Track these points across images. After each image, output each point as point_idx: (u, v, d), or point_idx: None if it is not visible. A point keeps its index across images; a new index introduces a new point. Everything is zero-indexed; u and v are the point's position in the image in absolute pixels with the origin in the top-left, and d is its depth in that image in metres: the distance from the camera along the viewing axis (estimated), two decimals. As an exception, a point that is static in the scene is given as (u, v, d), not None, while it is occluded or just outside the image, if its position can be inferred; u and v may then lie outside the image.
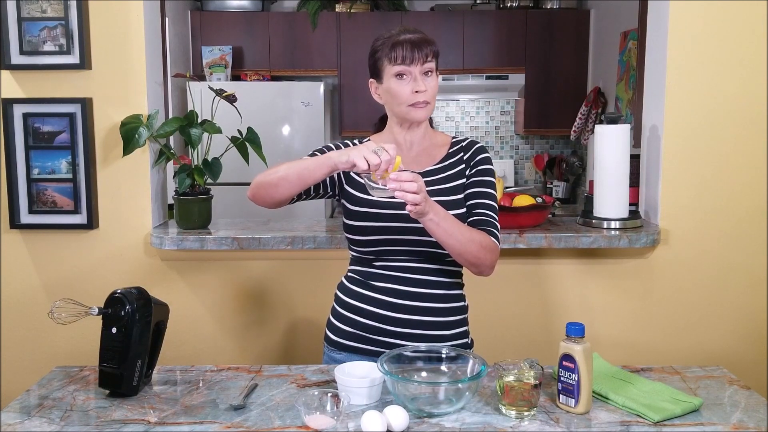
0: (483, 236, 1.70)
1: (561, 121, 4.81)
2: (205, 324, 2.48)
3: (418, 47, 1.71)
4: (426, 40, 1.74)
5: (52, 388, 1.67)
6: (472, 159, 1.82)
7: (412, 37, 1.72)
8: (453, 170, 1.81)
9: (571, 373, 1.48)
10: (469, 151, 1.83)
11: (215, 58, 4.64)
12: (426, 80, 1.73)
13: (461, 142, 1.86)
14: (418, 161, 1.82)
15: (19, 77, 2.37)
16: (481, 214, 1.77)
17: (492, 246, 1.71)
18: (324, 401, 1.49)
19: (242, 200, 4.35)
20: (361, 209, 1.78)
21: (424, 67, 1.72)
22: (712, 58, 2.35)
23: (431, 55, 1.73)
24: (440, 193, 1.76)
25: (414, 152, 1.83)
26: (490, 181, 1.81)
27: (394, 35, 1.74)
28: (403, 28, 1.77)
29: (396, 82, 1.73)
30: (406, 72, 1.72)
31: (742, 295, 2.42)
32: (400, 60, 1.71)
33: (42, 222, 2.41)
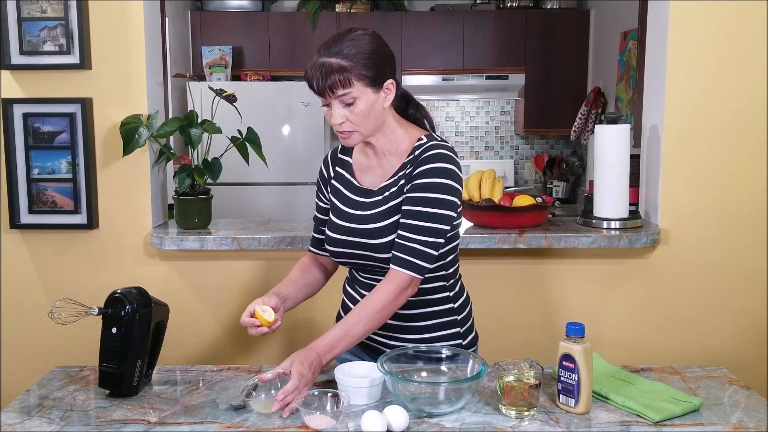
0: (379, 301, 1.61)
1: (561, 121, 4.81)
2: (205, 324, 2.48)
3: (323, 78, 1.56)
4: (335, 68, 1.55)
5: (52, 388, 1.67)
6: (412, 173, 1.65)
7: (325, 63, 1.56)
8: (393, 188, 1.69)
9: (571, 373, 1.48)
10: (415, 164, 1.66)
11: (215, 58, 4.64)
12: (344, 109, 1.60)
13: (418, 149, 1.68)
14: (374, 174, 1.75)
15: (19, 77, 2.37)
16: (400, 238, 1.63)
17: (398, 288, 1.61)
18: (324, 401, 1.49)
19: (242, 200, 4.39)
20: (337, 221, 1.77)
21: (340, 99, 1.59)
22: (712, 58, 2.35)
23: (343, 84, 1.56)
24: (377, 217, 1.68)
25: (372, 163, 1.76)
26: (427, 199, 1.62)
27: (319, 53, 1.59)
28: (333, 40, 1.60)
29: (322, 106, 1.64)
30: (324, 101, 1.62)
31: (742, 295, 2.42)
32: (315, 91, 1.60)
33: (42, 222, 2.41)
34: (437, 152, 1.66)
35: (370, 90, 1.60)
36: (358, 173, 1.79)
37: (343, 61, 1.56)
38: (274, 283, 2.46)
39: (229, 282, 2.47)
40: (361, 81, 1.58)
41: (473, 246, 2.30)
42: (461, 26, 4.78)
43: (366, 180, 1.77)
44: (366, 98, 1.60)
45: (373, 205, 1.71)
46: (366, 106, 1.60)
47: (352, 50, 1.58)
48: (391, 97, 1.66)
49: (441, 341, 1.76)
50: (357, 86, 1.58)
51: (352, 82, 1.57)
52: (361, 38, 1.61)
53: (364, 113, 1.61)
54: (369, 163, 1.77)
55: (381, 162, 1.74)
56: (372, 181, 1.76)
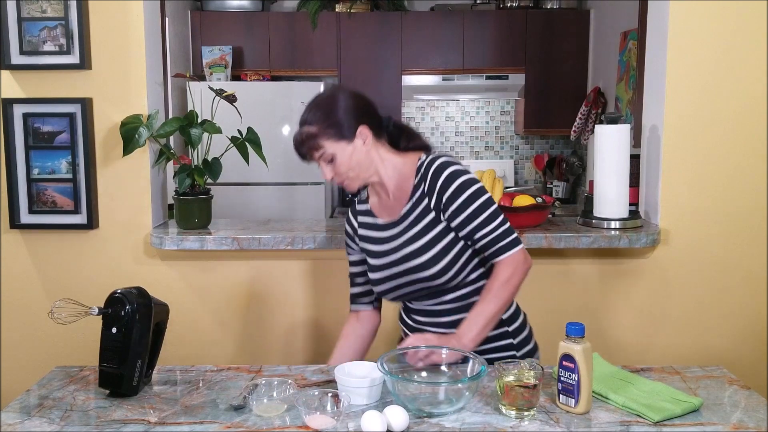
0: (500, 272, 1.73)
1: (561, 121, 4.81)
2: (205, 324, 2.48)
3: (299, 148, 1.76)
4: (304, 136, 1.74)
5: (52, 388, 1.67)
6: (433, 189, 1.77)
7: (296, 138, 1.76)
8: (418, 209, 1.80)
9: (571, 373, 1.48)
10: (427, 180, 1.78)
11: (215, 58, 4.64)
12: (328, 166, 1.76)
13: (422, 168, 1.80)
14: (396, 203, 1.85)
15: (19, 77, 2.37)
16: (482, 237, 1.74)
17: (514, 262, 1.74)
18: (324, 401, 1.49)
19: (242, 200, 4.38)
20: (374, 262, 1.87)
21: (320, 159, 1.76)
22: (712, 58, 2.35)
23: (315, 148, 1.74)
24: (411, 240, 1.79)
25: (388, 197, 1.86)
26: (466, 199, 1.74)
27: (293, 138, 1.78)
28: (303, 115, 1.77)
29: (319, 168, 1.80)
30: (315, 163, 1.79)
31: (742, 295, 2.42)
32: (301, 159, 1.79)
33: (42, 222, 2.41)
34: (441, 162, 1.79)
35: (344, 143, 1.74)
36: (379, 213, 1.89)
37: (309, 128, 1.74)
38: (274, 283, 2.47)
39: (229, 282, 2.47)
40: (330, 139, 1.73)
41: (473, 246, 2.30)
42: (461, 26, 4.78)
43: (385, 214, 1.87)
44: (342, 151, 1.74)
45: (402, 232, 1.81)
46: (345, 157, 1.75)
47: (314, 116, 1.75)
48: (369, 142, 1.77)
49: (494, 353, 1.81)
50: (328, 144, 1.73)
51: (321, 144, 1.73)
52: (324, 101, 1.78)
53: (346, 164, 1.75)
54: (386, 202, 1.87)
55: (392, 193, 1.85)
56: (392, 212, 1.85)
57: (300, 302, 2.48)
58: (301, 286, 2.47)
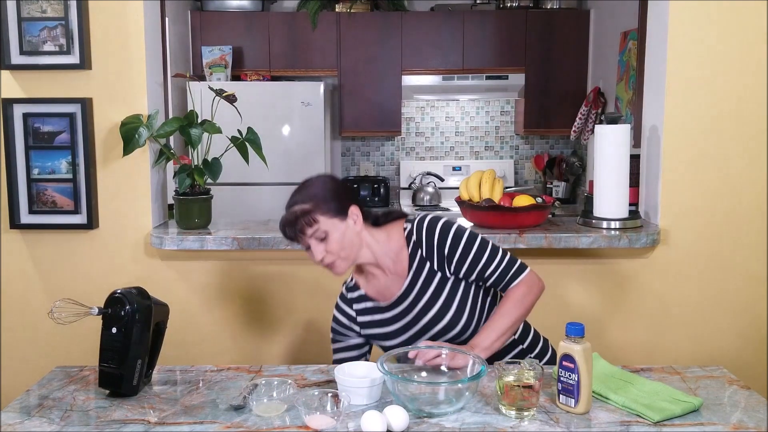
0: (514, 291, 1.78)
1: (561, 121, 4.81)
2: (205, 324, 2.48)
3: (291, 226, 1.73)
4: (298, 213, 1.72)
5: (52, 388, 1.67)
6: (432, 249, 1.80)
7: (287, 217, 1.74)
8: (422, 275, 1.81)
9: (571, 373, 1.48)
10: (423, 244, 1.81)
11: (215, 58, 4.64)
12: (320, 245, 1.73)
13: (412, 234, 1.82)
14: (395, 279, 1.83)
15: (19, 77, 2.37)
16: (491, 275, 1.79)
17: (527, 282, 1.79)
18: (324, 401, 1.49)
19: (242, 200, 4.38)
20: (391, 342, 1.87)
21: (313, 238, 1.73)
22: (712, 58, 2.35)
23: (309, 223, 1.71)
24: (426, 309, 1.80)
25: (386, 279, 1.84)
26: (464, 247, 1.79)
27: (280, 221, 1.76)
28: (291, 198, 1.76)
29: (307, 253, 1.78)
30: (303, 245, 1.76)
31: (742, 295, 2.42)
32: (290, 241, 1.77)
33: (42, 222, 2.41)
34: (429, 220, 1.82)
35: (337, 220, 1.74)
36: (377, 296, 1.87)
37: (302, 205, 1.73)
38: (274, 283, 2.47)
39: (229, 282, 2.47)
40: (325, 215, 1.72)
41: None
42: (461, 26, 4.78)
43: (387, 293, 1.85)
44: (336, 228, 1.73)
45: (413, 303, 1.82)
46: (338, 235, 1.73)
47: (307, 194, 1.75)
48: (360, 222, 1.78)
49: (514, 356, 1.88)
50: (323, 220, 1.72)
51: (317, 219, 1.71)
52: (313, 182, 1.78)
53: (339, 242, 1.74)
54: (383, 282, 1.85)
55: (387, 269, 1.83)
56: (393, 289, 1.84)
57: (300, 302, 2.48)
58: (301, 286, 2.47)
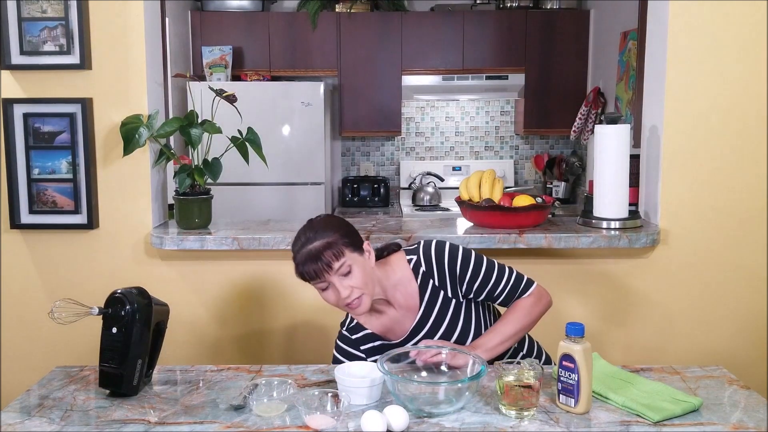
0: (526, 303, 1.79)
1: (561, 121, 4.81)
2: (205, 324, 2.48)
3: (315, 261, 1.65)
4: (323, 247, 1.65)
5: (52, 388, 1.68)
6: (444, 279, 1.79)
7: (311, 249, 1.66)
8: (437, 305, 1.80)
9: (571, 373, 1.48)
10: (434, 275, 1.79)
11: (215, 58, 4.64)
12: (345, 280, 1.68)
13: (420, 265, 1.80)
14: (405, 313, 1.81)
15: (19, 77, 2.37)
16: (501, 293, 1.80)
17: (535, 295, 1.81)
18: (324, 401, 1.49)
19: (242, 200, 4.38)
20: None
21: (337, 274, 1.67)
22: (712, 58, 2.35)
23: (336, 257, 1.66)
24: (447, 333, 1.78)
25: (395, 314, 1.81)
26: (473, 270, 1.78)
27: (295, 256, 1.69)
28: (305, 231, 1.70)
29: (321, 293, 1.72)
30: (324, 284, 1.69)
31: (742, 295, 2.42)
32: (310, 279, 1.69)
33: (42, 222, 2.41)
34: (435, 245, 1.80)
35: (357, 254, 1.71)
36: (386, 333, 1.84)
37: (326, 239, 1.67)
38: (274, 283, 2.47)
39: (229, 282, 2.47)
40: (348, 248, 1.69)
41: (473, 246, 2.29)
42: (461, 26, 4.78)
43: (398, 329, 1.82)
44: (357, 262, 1.70)
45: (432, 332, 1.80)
46: (360, 268, 1.70)
47: (327, 229, 1.69)
48: (373, 256, 1.76)
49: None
50: (347, 253, 1.68)
51: (343, 252, 1.67)
52: (325, 220, 1.74)
53: (362, 276, 1.70)
54: (392, 317, 1.82)
55: (396, 304, 1.81)
56: (404, 324, 1.81)
57: (300, 302, 2.48)
58: (301, 286, 2.45)
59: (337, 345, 1.89)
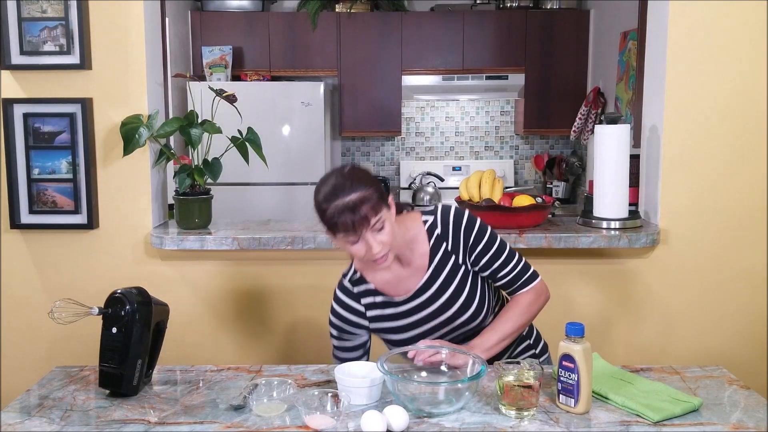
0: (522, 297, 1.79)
1: (561, 121, 4.81)
2: (205, 324, 2.48)
3: (353, 213, 1.58)
4: (362, 199, 1.59)
5: (52, 388, 1.68)
6: (458, 245, 1.77)
7: (349, 202, 1.58)
8: (445, 270, 1.78)
9: (571, 373, 1.48)
10: (449, 239, 1.77)
11: (215, 58, 4.64)
12: (377, 235, 1.63)
13: (435, 227, 1.77)
14: (411, 272, 1.79)
15: (19, 77, 2.37)
16: (505, 275, 1.78)
17: (536, 291, 1.79)
18: (324, 401, 1.49)
19: (242, 200, 4.38)
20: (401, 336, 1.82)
21: (372, 229, 1.62)
22: (712, 58, 2.35)
23: (374, 212, 1.60)
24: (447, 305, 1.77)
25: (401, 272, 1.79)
26: (486, 243, 1.76)
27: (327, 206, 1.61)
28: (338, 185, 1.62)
29: (350, 246, 1.66)
30: (356, 238, 1.63)
31: (742, 295, 2.42)
32: (344, 232, 1.62)
33: (42, 222, 2.41)
34: (455, 211, 1.78)
35: (386, 209, 1.65)
36: (390, 290, 1.81)
37: (362, 192, 1.60)
38: (274, 283, 2.47)
39: (229, 282, 2.47)
40: (382, 203, 1.64)
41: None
42: (461, 26, 4.78)
43: (401, 287, 1.80)
44: (388, 218, 1.66)
45: (435, 296, 1.78)
46: (390, 224, 1.66)
47: (363, 182, 1.63)
48: (394, 210, 1.71)
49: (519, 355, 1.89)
50: (382, 209, 1.63)
51: (380, 207, 1.63)
52: (358, 172, 1.67)
53: (390, 232, 1.66)
54: (398, 275, 1.80)
55: (404, 262, 1.79)
56: (409, 283, 1.79)
57: (300, 302, 2.48)
58: (301, 286, 2.47)
59: (337, 296, 1.86)
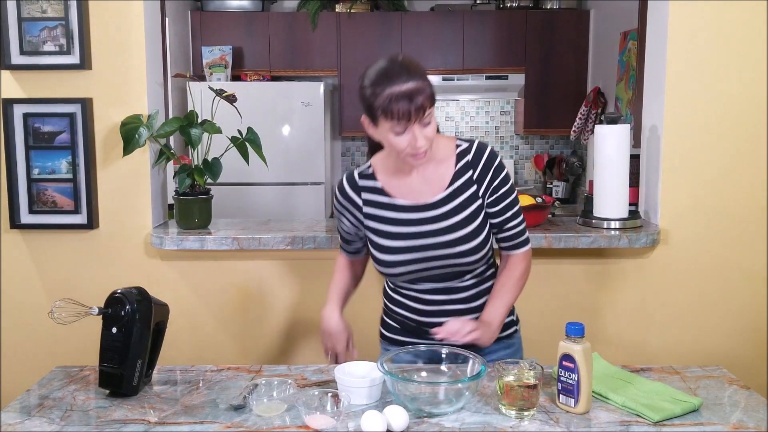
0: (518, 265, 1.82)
1: (561, 121, 4.81)
2: (205, 324, 2.48)
3: (410, 101, 1.57)
4: (419, 89, 1.58)
5: (52, 388, 1.68)
6: (484, 178, 1.75)
7: (407, 89, 1.57)
8: (463, 195, 1.75)
9: (571, 373, 1.48)
10: (477, 168, 1.75)
11: (215, 58, 4.64)
12: (424, 131, 1.62)
13: (466, 154, 1.76)
14: (424, 188, 1.77)
15: (19, 77, 2.37)
16: (509, 229, 1.80)
17: (527, 259, 1.84)
18: (324, 401, 1.49)
19: (242, 200, 4.38)
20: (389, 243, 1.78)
21: (420, 122, 1.61)
22: (712, 58, 2.35)
23: (429, 103, 1.60)
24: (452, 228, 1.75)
25: (412, 179, 1.78)
26: (507, 190, 1.77)
27: (383, 89, 1.59)
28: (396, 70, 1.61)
29: (393, 136, 1.63)
30: (404, 128, 1.61)
31: (742, 295, 2.42)
32: (397, 119, 1.59)
33: (42, 222, 2.41)
34: (491, 151, 1.78)
35: (433, 107, 1.65)
36: (396, 193, 1.79)
37: (420, 82, 1.60)
38: (274, 283, 2.47)
39: (229, 282, 2.47)
40: (433, 97, 1.63)
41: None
42: (461, 26, 4.78)
43: (411, 196, 1.78)
44: (433, 115, 1.66)
45: (445, 216, 1.75)
46: (434, 122, 1.66)
47: (421, 73, 1.62)
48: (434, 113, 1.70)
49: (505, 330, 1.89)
50: (433, 104, 1.64)
51: (433, 101, 1.63)
52: (415, 62, 1.65)
53: (434, 130, 1.66)
54: (407, 181, 1.78)
55: (427, 174, 1.77)
56: (421, 195, 1.78)
57: (300, 302, 2.48)
58: (301, 286, 2.47)
59: (340, 185, 1.85)
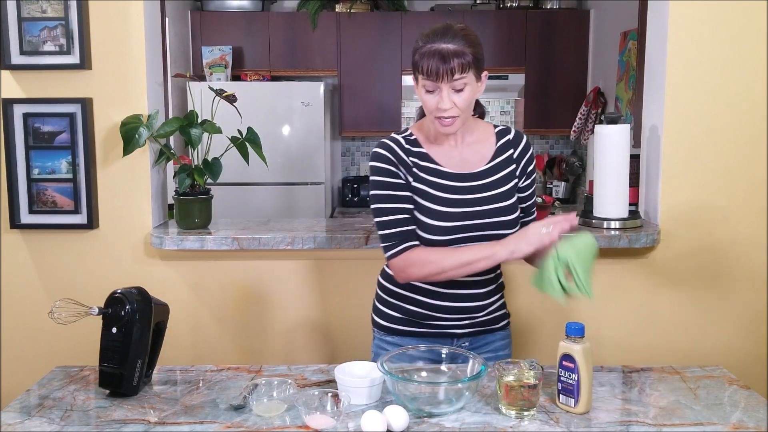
0: None
1: (561, 121, 4.81)
2: (205, 324, 2.48)
3: (445, 61, 1.62)
4: (457, 52, 1.62)
5: (52, 388, 1.68)
6: (521, 159, 1.84)
7: (443, 49, 1.63)
8: (504, 171, 1.81)
9: (571, 373, 1.48)
10: (518, 148, 1.84)
11: (215, 58, 4.64)
12: (453, 95, 1.66)
13: (506, 134, 1.84)
14: (466, 160, 1.80)
15: (19, 77, 2.37)
16: (530, 205, 1.89)
17: None
18: (324, 401, 1.49)
19: (242, 200, 4.38)
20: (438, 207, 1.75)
21: (453, 84, 1.65)
22: (712, 58, 2.35)
23: (461, 68, 1.63)
24: (494, 199, 1.77)
25: (457, 151, 1.80)
26: (534, 178, 1.89)
27: (423, 45, 1.66)
28: (443, 30, 1.66)
29: (424, 93, 1.69)
30: (433, 87, 1.67)
31: (742, 295, 2.42)
32: (426, 74, 1.65)
33: (42, 222, 2.41)
34: (527, 139, 1.86)
35: (475, 78, 1.68)
36: (442, 161, 1.80)
37: (462, 47, 1.63)
38: (274, 283, 2.47)
39: (229, 282, 2.47)
40: (472, 69, 1.66)
41: (473, 246, 2.30)
42: (461, 26, 4.78)
43: (456, 166, 1.80)
44: (471, 86, 1.68)
45: (487, 187, 1.79)
46: (470, 93, 1.68)
47: (466, 39, 1.65)
48: (482, 89, 1.74)
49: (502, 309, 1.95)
50: (470, 72, 1.66)
51: (469, 68, 1.65)
52: (467, 31, 1.68)
53: (468, 100, 1.68)
54: (453, 152, 1.81)
55: (467, 148, 1.81)
56: (465, 166, 1.80)
57: (300, 302, 2.48)
58: (301, 286, 2.47)
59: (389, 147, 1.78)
